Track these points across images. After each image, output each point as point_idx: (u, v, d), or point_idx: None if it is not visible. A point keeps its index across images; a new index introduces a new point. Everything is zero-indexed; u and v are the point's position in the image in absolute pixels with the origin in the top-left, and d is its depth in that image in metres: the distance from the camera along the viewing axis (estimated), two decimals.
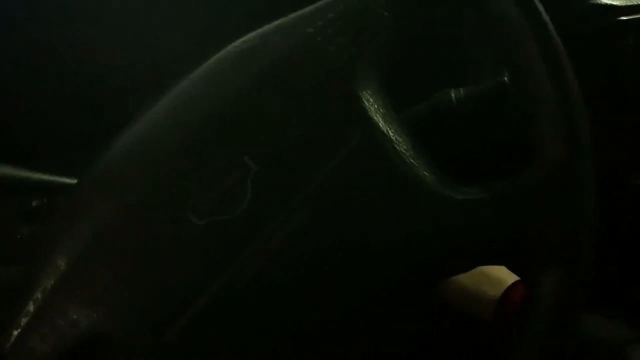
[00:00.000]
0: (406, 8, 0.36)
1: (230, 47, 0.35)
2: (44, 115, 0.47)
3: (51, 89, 0.47)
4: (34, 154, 0.46)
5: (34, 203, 0.42)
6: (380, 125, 0.34)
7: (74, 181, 0.39)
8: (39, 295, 0.32)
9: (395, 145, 0.34)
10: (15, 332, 0.31)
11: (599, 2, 0.45)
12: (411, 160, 0.34)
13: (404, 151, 0.34)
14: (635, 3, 0.46)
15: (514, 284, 0.45)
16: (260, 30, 0.35)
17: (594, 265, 0.36)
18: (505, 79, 0.42)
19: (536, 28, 0.35)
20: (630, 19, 0.46)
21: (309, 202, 0.33)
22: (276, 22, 0.35)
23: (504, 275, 0.44)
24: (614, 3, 0.45)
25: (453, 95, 0.45)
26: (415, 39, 0.38)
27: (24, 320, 0.32)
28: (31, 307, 0.32)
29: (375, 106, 0.34)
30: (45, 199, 0.41)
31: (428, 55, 0.43)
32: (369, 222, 0.33)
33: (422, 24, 0.37)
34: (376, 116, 0.34)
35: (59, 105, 0.47)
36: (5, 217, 0.42)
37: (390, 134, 0.34)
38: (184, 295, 0.31)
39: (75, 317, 0.31)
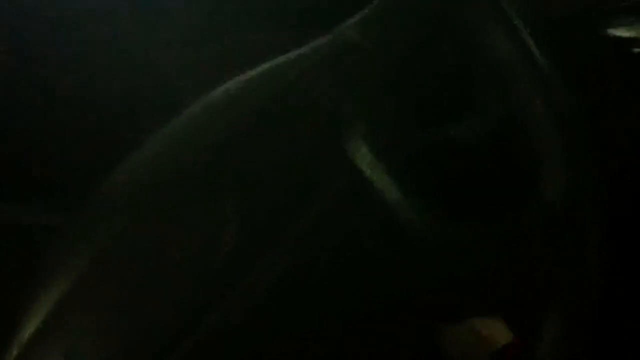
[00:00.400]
0: (391, 44, 0.35)
1: (215, 93, 0.35)
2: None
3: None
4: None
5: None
6: (367, 171, 0.33)
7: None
8: (33, 325, 0.33)
9: (380, 190, 0.33)
10: None
11: (613, 35, 0.44)
12: (397, 204, 0.33)
13: (388, 195, 0.33)
14: None
15: (512, 340, 0.44)
16: (245, 75, 0.35)
17: (596, 316, 0.35)
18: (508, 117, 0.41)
19: (535, 71, 0.34)
20: None
21: (294, 246, 0.33)
22: (261, 67, 0.35)
23: (500, 331, 0.43)
24: (628, 35, 0.44)
25: (454, 130, 0.44)
26: (417, 73, 0.37)
27: (15, 353, 0.32)
28: (24, 338, 0.32)
29: (362, 150, 0.34)
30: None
31: (430, 90, 0.43)
32: (355, 267, 0.33)
33: (412, 54, 0.36)
34: (362, 162, 0.33)
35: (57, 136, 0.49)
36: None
37: (375, 179, 0.33)
38: (175, 328, 0.32)
39: (71, 345, 0.32)
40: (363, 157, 0.34)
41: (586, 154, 0.35)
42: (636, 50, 0.44)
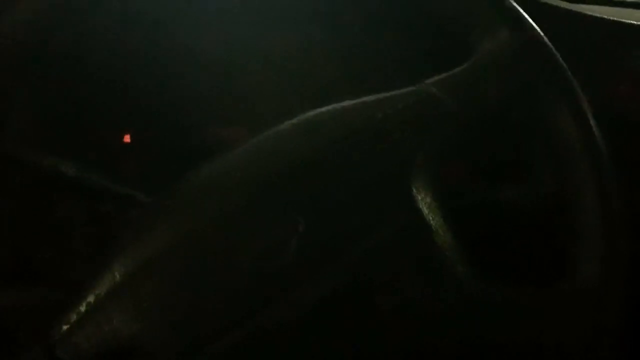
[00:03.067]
0: (472, 107, 0.38)
1: (305, 116, 0.38)
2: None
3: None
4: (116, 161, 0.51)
5: (103, 208, 0.46)
6: (425, 214, 0.36)
7: (142, 195, 0.43)
8: (92, 298, 0.35)
9: (435, 236, 0.36)
10: (65, 327, 0.35)
11: None
12: (447, 252, 0.36)
13: (441, 242, 0.36)
14: None
15: None
16: (336, 105, 0.39)
17: None
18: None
19: (590, 156, 0.37)
20: None
21: (345, 268, 0.35)
22: (351, 101, 0.39)
23: None
24: None
25: (505, 193, 0.47)
26: (486, 135, 0.40)
27: (74, 317, 0.35)
28: (83, 308, 0.35)
29: (423, 195, 0.37)
30: (114, 205, 0.45)
31: (492, 152, 0.45)
32: (397, 299, 0.36)
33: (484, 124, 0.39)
34: (422, 205, 0.36)
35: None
36: (73, 219, 0.47)
37: (432, 224, 0.36)
38: (217, 326, 0.34)
39: (118, 325, 0.34)
40: (424, 200, 0.37)
41: (625, 240, 0.37)
42: None
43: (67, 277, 0.48)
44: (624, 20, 0.50)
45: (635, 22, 0.49)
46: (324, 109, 0.38)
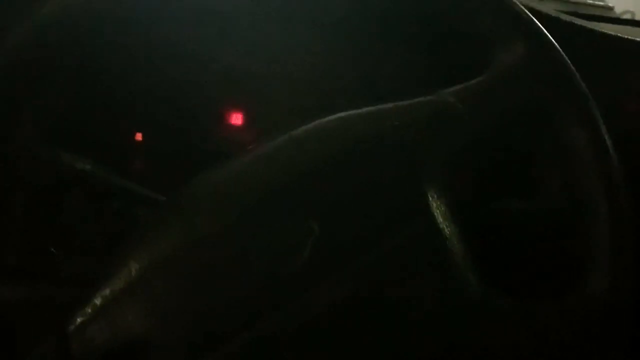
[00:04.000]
0: (488, 118, 0.39)
1: (322, 121, 0.39)
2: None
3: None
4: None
5: (114, 205, 0.46)
6: (439, 221, 0.37)
7: (153, 193, 0.43)
8: (107, 292, 0.36)
9: (448, 243, 0.36)
10: (79, 319, 0.36)
11: None
12: (460, 260, 0.37)
13: (455, 250, 0.36)
14: None
15: None
16: (352, 112, 0.39)
17: None
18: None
19: (602, 171, 0.37)
20: None
21: (358, 275, 0.36)
22: (370, 108, 0.39)
23: None
24: None
25: (515, 205, 0.48)
26: (498, 147, 0.40)
27: (89, 311, 0.36)
28: (98, 301, 0.36)
29: (438, 203, 0.37)
30: (126, 203, 0.45)
31: (504, 164, 0.46)
32: (408, 305, 0.36)
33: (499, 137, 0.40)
34: (437, 212, 0.37)
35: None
36: (86, 213, 0.47)
37: (446, 231, 0.37)
38: (229, 327, 0.35)
39: (132, 321, 0.35)
40: (438, 208, 0.37)
41: (634, 255, 0.38)
42: None
43: (76, 274, 0.48)
44: (633, 38, 0.50)
45: None
46: (339, 114, 0.39)
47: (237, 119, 0.53)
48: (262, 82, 0.53)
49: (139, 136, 0.53)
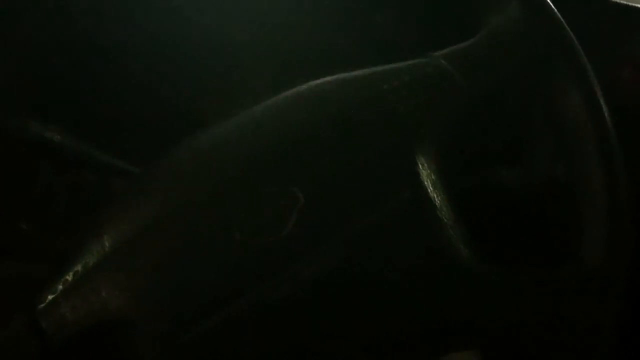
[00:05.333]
0: (481, 81, 0.37)
1: (307, 86, 0.37)
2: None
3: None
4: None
5: (87, 178, 0.44)
6: (429, 191, 0.35)
7: (127, 165, 0.41)
8: (79, 268, 0.34)
9: (438, 213, 0.35)
10: (50, 297, 0.34)
11: None
12: (450, 230, 0.35)
13: (445, 220, 0.35)
14: None
15: None
16: (338, 76, 0.37)
17: None
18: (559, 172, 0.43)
19: (598, 136, 0.36)
20: None
21: (346, 244, 0.34)
22: (355, 72, 0.37)
23: None
24: None
25: (506, 174, 0.47)
26: (491, 114, 0.39)
27: (60, 288, 0.34)
28: (70, 277, 0.34)
29: (428, 171, 0.36)
30: (99, 176, 0.43)
31: (496, 132, 0.45)
32: (397, 277, 0.35)
33: (491, 101, 0.38)
34: (427, 181, 0.35)
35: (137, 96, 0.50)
36: (54, 187, 0.45)
37: (436, 201, 0.35)
38: (211, 301, 0.33)
39: (106, 297, 0.33)
40: (428, 177, 0.36)
41: (629, 222, 0.37)
42: None
43: (48, 250, 0.46)
44: (629, 3, 0.49)
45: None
46: (327, 78, 0.37)
47: (216, 85, 0.51)
48: (243, 49, 0.51)
49: (112, 106, 0.51)
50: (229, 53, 0.51)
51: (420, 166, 0.36)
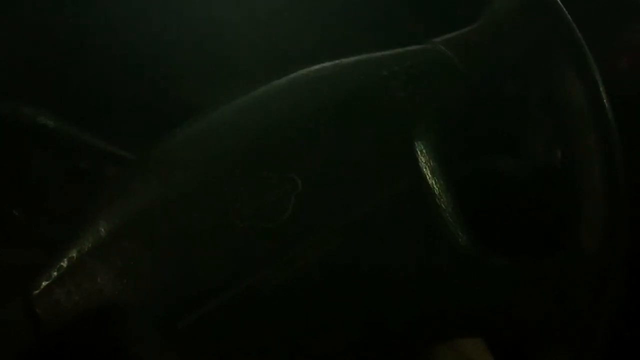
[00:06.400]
0: (481, 68, 0.37)
1: (305, 70, 0.37)
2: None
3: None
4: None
5: (81, 164, 0.44)
6: (427, 178, 0.35)
7: (122, 151, 0.41)
8: (74, 254, 0.33)
9: (437, 200, 0.35)
10: (45, 283, 0.33)
11: None
12: (449, 217, 0.35)
13: (444, 207, 0.35)
14: None
15: None
16: (337, 61, 0.37)
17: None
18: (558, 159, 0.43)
19: (598, 123, 0.36)
20: None
21: (344, 232, 0.34)
22: (355, 57, 0.37)
23: (478, 351, 0.44)
24: None
25: (503, 162, 0.47)
26: (490, 102, 0.39)
27: (54, 274, 0.33)
28: (65, 263, 0.33)
29: (427, 158, 0.35)
30: (94, 162, 0.43)
31: (488, 116, 0.44)
32: (395, 264, 0.35)
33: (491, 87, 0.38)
34: (425, 169, 0.35)
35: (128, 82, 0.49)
36: (51, 173, 0.45)
37: (435, 188, 0.35)
38: (208, 287, 0.33)
39: (102, 283, 0.33)
40: (427, 163, 0.35)
41: (627, 209, 0.36)
42: None
43: (42, 237, 0.46)
44: None
45: None
46: (325, 64, 0.37)
47: (211, 70, 0.50)
48: (240, 31, 0.50)
49: (107, 91, 0.50)
50: (222, 35, 0.50)
51: (419, 152, 0.35)
